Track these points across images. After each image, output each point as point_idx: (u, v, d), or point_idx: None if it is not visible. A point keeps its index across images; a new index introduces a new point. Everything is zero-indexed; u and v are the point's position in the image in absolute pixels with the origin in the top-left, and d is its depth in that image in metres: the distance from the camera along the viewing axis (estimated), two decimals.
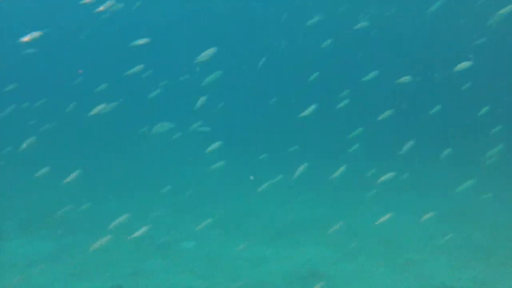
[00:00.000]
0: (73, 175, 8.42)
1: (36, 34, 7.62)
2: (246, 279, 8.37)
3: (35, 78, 19.73)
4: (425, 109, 12.18)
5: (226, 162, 11.42)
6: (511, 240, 9.51)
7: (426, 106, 12.21)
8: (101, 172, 14.00)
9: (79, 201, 11.51)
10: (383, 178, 9.01)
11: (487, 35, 12.74)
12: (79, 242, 9.68)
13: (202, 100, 9.89)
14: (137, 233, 7.87)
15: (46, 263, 8.87)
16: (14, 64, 18.39)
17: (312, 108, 9.16)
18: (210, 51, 8.37)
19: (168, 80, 12.95)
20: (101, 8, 8.65)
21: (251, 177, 12.88)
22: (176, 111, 15.18)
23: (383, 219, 8.47)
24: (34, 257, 9.09)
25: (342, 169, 9.53)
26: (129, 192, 12.77)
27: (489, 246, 9.34)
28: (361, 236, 9.98)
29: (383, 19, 17.49)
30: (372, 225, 10.47)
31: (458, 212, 11.08)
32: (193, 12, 22.26)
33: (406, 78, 9.43)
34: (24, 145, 8.58)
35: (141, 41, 8.43)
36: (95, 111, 8.27)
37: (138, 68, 9.34)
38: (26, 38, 7.65)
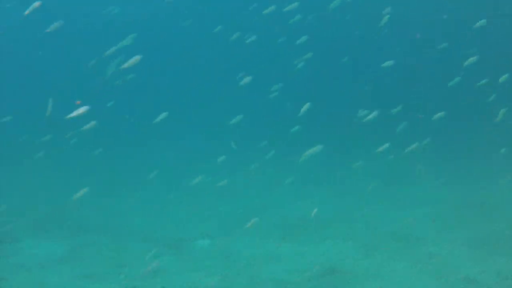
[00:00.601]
0: None
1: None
2: (263, 278, 8.17)
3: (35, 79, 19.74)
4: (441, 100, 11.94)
5: (235, 158, 11.28)
6: None
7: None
8: (112, 170, 13.86)
9: (91, 201, 11.38)
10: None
11: None
12: (92, 242, 9.51)
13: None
14: None
15: (59, 264, 8.71)
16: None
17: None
18: None
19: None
20: None
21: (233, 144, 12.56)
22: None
23: None
24: (47, 258, 8.91)
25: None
26: (142, 190, 12.63)
27: (511, 237, 9.12)
28: (378, 231, 9.76)
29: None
30: (389, 219, 10.33)
31: (476, 204, 10.86)
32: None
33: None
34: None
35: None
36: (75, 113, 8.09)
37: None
38: None
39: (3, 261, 8.80)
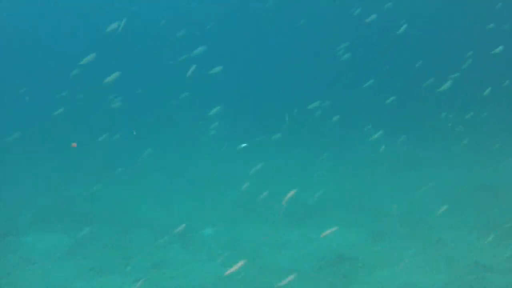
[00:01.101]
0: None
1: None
2: (273, 266, 8.08)
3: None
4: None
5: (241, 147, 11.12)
6: None
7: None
8: (116, 163, 13.67)
9: (95, 194, 11.25)
10: None
11: None
12: (97, 234, 9.36)
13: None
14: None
15: (64, 257, 8.58)
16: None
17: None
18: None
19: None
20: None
21: (134, 132, 12.58)
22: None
23: None
24: (53, 252, 8.78)
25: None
26: (145, 181, 12.48)
27: None
28: (385, 217, 9.65)
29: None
30: (397, 204, 10.22)
31: (486, 188, 10.75)
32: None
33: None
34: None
35: None
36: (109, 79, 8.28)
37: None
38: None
39: (8, 255, 8.67)
